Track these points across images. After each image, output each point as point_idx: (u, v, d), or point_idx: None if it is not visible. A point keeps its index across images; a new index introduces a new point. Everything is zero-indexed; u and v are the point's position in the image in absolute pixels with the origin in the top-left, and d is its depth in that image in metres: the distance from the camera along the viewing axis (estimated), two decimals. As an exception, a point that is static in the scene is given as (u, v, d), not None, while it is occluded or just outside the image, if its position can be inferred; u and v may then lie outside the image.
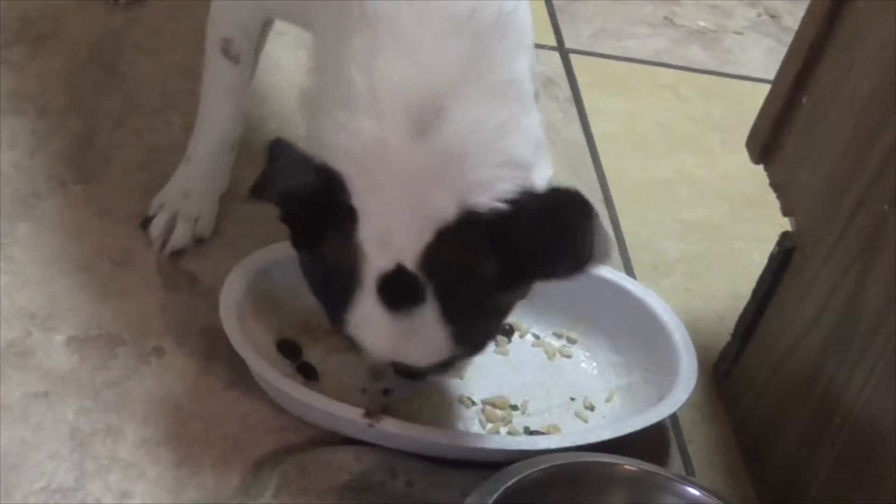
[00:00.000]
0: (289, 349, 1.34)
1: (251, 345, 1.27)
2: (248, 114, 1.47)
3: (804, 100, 1.36)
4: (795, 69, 1.36)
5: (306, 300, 1.24)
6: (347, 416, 1.24)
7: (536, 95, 1.19)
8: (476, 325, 1.17)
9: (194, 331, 1.34)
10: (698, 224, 1.72)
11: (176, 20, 1.77)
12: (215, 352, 1.34)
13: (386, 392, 1.32)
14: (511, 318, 1.36)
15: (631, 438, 1.29)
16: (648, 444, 1.38)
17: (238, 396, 1.31)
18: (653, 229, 1.68)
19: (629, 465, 1.24)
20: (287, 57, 1.72)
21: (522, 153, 1.13)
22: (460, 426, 1.32)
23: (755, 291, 1.42)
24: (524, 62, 1.16)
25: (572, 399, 1.38)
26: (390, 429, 1.24)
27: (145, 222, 1.46)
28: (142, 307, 1.39)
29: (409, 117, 1.08)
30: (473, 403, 1.34)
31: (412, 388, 1.32)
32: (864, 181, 1.24)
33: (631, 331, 1.41)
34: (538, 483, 1.18)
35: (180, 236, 1.45)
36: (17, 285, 1.38)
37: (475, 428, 1.32)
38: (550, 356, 1.41)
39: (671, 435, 1.41)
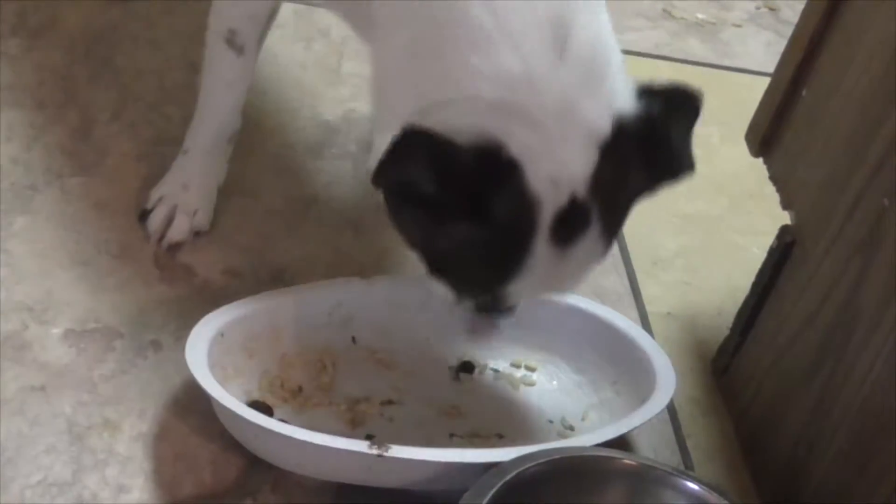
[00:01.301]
0: (261, 410, 1.26)
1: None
2: (246, 107, 1.46)
3: (804, 93, 1.35)
4: (795, 62, 1.35)
5: (263, 360, 1.27)
6: (352, 448, 1.19)
7: None
8: (619, 229, 1.18)
9: (192, 324, 1.33)
10: (697, 218, 1.71)
11: (173, 13, 1.76)
12: (213, 345, 1.34)
13: (369, 437, 1.27)
14: (467, 355, 1.38)
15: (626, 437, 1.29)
16: (648, 438, 1.39)
17: (236, 390, 1.31)
18: (651, 223, 1.68)
19: (628, 459, 1.24)
20: (284, 50, 1.72)
21: (619, 53, 1.14)
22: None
23: (754, 285, 1.42)
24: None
25: (550, 422, 1.37)
26: (400, 454, 1.19)
27: (143, 215, 1.46)
28: (139, 301, 1.39)
29: (547, 40, 1.07)
30: (461, 437, 1.32)
31: (495, 330, 1.27)
32: (864, 175, 1.23)
33: (591, 348, 1.39)
34: (537, 477, 1.18)
35: (179, 229, 1.44)
36: (14, 278, 1.38)
37: None
38: (515, 387, 1.39)
39: (670, 429, 1.41)
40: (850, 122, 1.27)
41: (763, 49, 2.07)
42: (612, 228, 1.15)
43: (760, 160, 1.42)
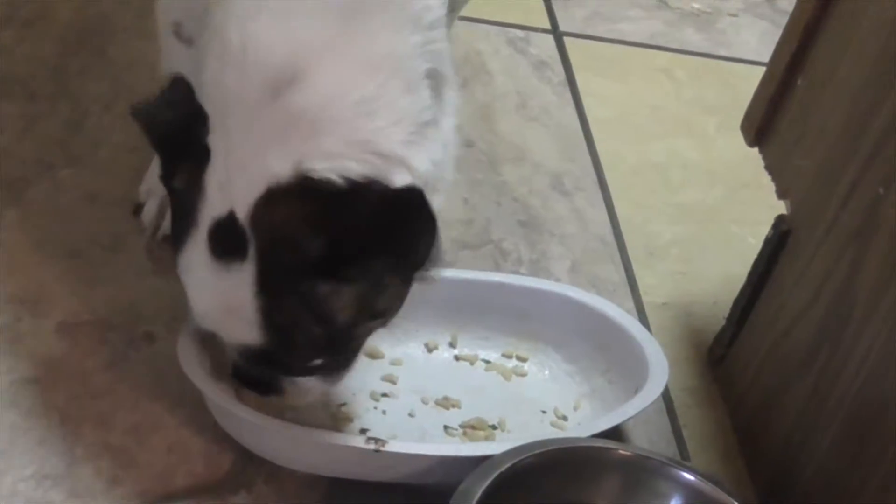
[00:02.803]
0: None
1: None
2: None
3: (799, 82, 1.35)
4: (790, 51, 1.35)
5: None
6: (349, 444, 1.18)
7: (446, 85, 1.13)
8: (292, 314, 1.08)
9: (184, 317, 1.33)
10: (692, 207, 1.71)
11: (166, 3, 1.75)
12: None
13: (363, 431, 1.27)
14: (458, 349, 1.37)
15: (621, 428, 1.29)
16: (643, 428, 1.38)
17: (229, 382, 1.30)
18: (647, 213, 1.68)
19: (623, 449, 1.24)
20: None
21: (385, 138, 1.06)
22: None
23: (750, 275, 1.42)
24: (411, 38, 1.09)
25: (543, 412, 1.36)
26: (396, 449, 1.18)
27: (137, 209, 1.45)
28: (132, 293, 1.38)
29: (267, 76, 1.05)
30: (454, 429, 1.32)
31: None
32: (858, 163, 1.23)
33: (582, 337, 1.39)
34: (532, 468, 1.18)
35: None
36: (7, 271, 1.37)
37: None
38: (507, 378, 1.39)
39: (665, 419, 1.41)
40: (844, 111, 1.27)
41: (758, 38, 2.07)
42: (275, 288, 1.07)
43: (756, 150, 1.42)
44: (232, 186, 1.06)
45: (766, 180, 1.38)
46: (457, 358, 1.39)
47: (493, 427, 1.33)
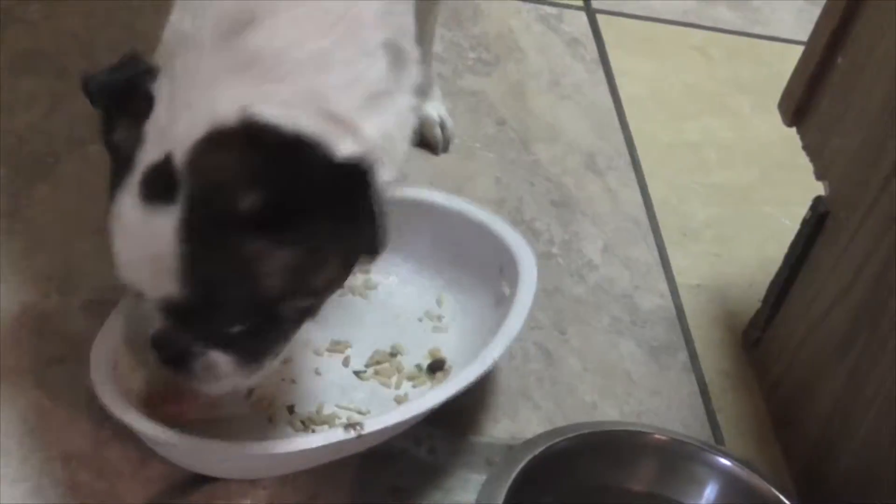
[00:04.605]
0: None
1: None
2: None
3: (839, 60, 1.32)
4: (831, 28, 1.33)
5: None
6: (331, 440, 1.16)
7: (406, 61, 1.10)
8: (217, 267, 1.02)
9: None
10: (727, 188, 1.69)
11: (195, -22, 1.74)
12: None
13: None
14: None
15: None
16: (677, 411, 1.37)
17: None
18: (681, 193, 1.66)
19: (658, 433, 1.23)
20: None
21: (336, 98, 1.02)
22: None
23: (787, 257, 1.40)
24: (371, 3, 1.06)
25: (420, 320, 1.36)
26: (376, 427, 1.17)
27: None
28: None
29: (221, 19, 1.02)
30: (363, 371, 1.31)
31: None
32: (900, 144, 1.21)
33: (414, 235, 1.36)
34: (566, 452, 1.17)
35: None
36: (35, 247, 1.36)
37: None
38: (363, 295, 1.38)
39: (700, 403, 1.39)
40: (885, 90, 1.25)
41: (793, 17, 2.04)
42: (201, 237, 1.01)
43: (791, 130, 1.40)
44: (172, 129, 1.02)
45: (802, 161, 1.36)
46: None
47: (393, 355, 1.32)
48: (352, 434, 1.15)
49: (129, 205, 1.03)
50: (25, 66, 1.56)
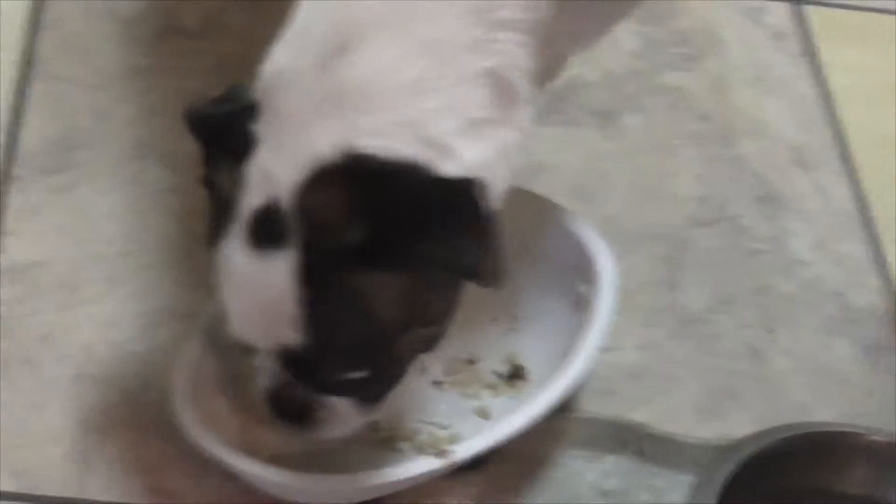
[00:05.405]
0: None
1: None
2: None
3: None
4: None
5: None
6: (426, 469, 1.14)
7: (517, 98, 1.06)
8: (334, 308, 1.01)
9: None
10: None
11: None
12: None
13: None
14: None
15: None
16: (889, 411, 1.32)
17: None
18: (896, 181, 1.60)
19: (876, 435, 1.19)
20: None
21: (434, 123, 1.00)
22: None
23: None
24: (470, 30, 1.03)
25: (494, 320, 1.30)
26: (467, 453, 1.14)
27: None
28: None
29: (316, 49, 1.01)
30: (442, 382, 1.27)
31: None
32: None
33: None
34: (776, 453, 1.14)
35: None
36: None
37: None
38: None
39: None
40: None
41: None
42: (317, 278, 1.00)
43: None
44: (275, 171, 1.00)
45: None
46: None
47: (471, 362, 1.28)
48: (444, 460, 1.13)
49: (237, 253, 1.02)
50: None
